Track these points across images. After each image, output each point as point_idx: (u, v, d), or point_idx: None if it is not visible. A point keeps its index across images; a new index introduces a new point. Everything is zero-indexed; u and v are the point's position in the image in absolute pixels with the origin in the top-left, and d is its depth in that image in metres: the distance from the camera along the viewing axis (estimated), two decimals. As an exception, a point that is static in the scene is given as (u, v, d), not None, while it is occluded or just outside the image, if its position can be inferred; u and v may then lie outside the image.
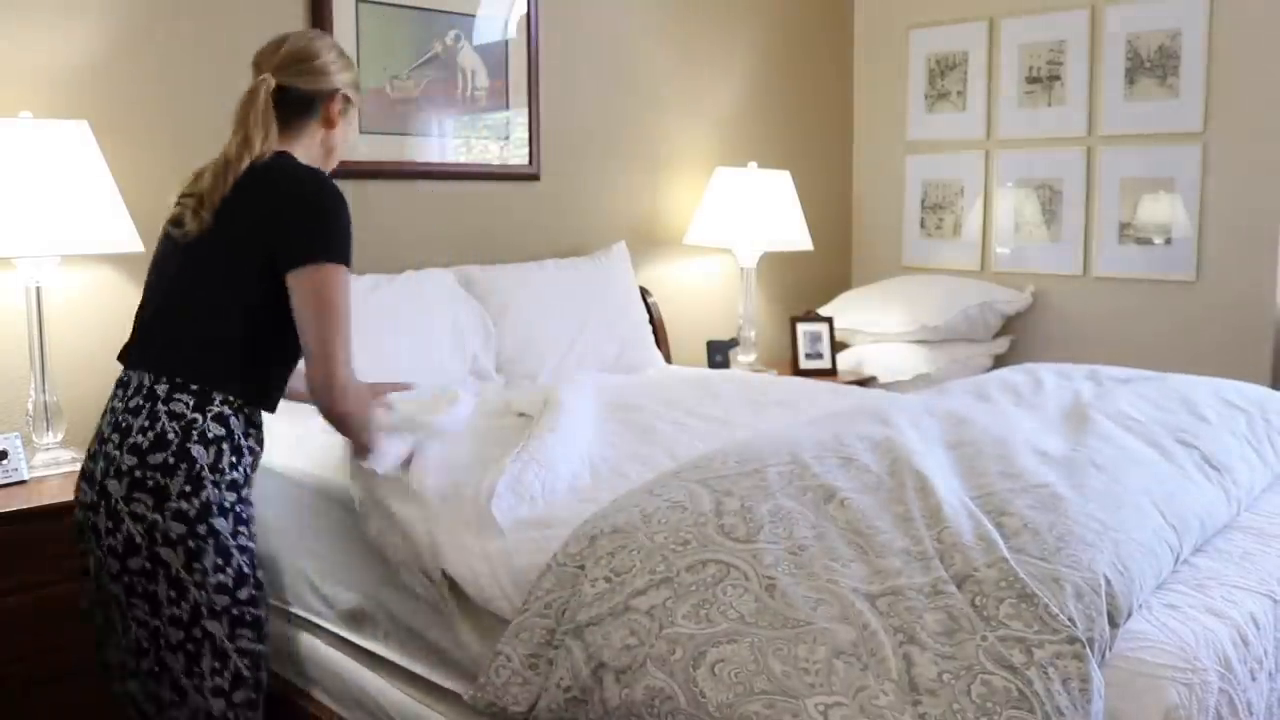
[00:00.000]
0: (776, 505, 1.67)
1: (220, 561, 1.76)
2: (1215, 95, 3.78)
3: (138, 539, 1.72)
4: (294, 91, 1.92)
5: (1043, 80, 4.17)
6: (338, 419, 1.86)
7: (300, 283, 1.77)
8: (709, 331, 4.18)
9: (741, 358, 3.99)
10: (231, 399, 1.80)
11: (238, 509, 1.80)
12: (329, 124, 1.98)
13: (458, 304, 3.12)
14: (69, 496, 2.28)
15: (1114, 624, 1.45)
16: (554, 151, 3.68)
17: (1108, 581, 1.49)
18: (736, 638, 1.43)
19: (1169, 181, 3.89)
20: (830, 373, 3.99)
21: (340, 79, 1.98)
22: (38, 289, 2.44)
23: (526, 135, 3.58)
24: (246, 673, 1.81)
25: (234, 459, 1.79)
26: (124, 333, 1.92)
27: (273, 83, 1.90)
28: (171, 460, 1.73)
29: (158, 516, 1.72)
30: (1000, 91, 4.29)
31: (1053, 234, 4.19)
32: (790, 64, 4.47)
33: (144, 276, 1.95)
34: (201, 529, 1.74)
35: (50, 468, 2.44)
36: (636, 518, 1.69)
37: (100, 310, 2.72)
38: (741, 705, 1.36)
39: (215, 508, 1.75)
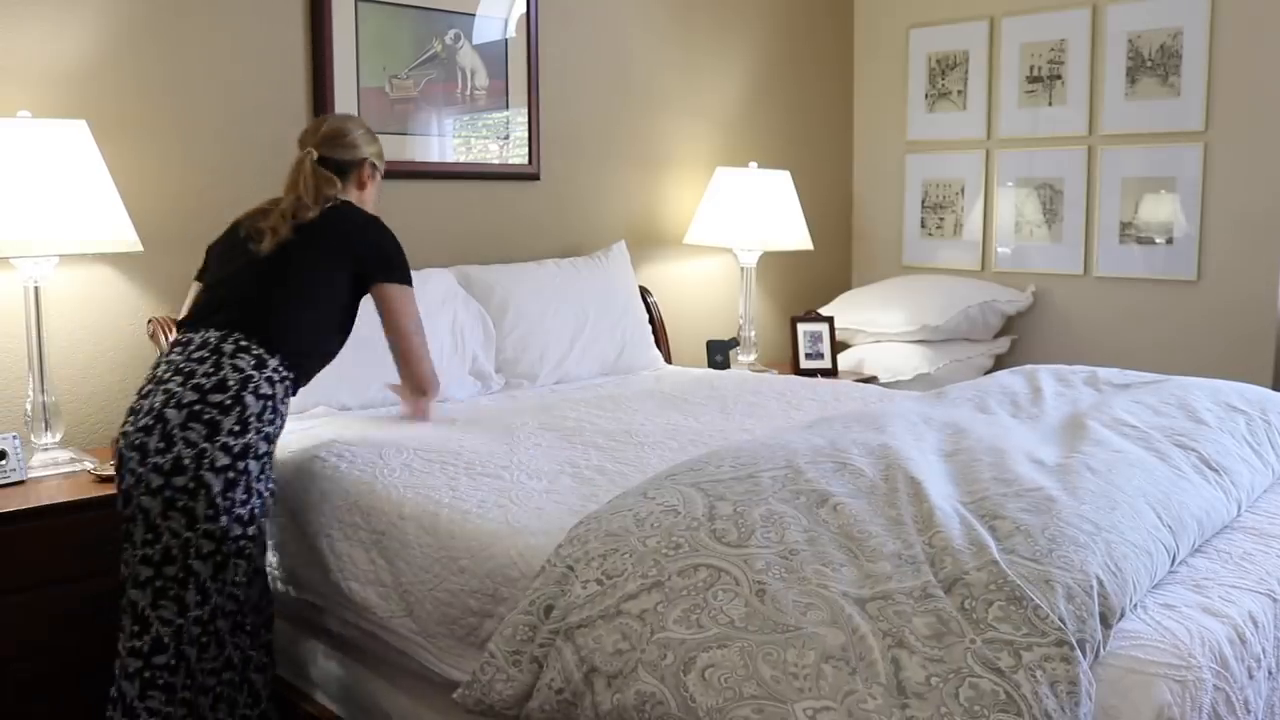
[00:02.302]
0: (769, 509, 1.67)
1: (244, 496, 2.08)
2: (1217, 95, 3.77)
3: (186, 460, 2.01)
4: (332, 161, 2.41)
5: (1044, 79, 4.16)
6: (428, 395, 2.61)
7: (384, 294, 2.38)
8: (709, 331, 4.18)
9: (741, 358, 3.99)
10: (281, 369, 2.17)
11: (263, 458, 2.12)
12: (360, 186, 2.49)
13: (458, 304, 3.13)
14: (67, 497, 2.30)
15: (1106, 624, 1.45)
16: (554, 151, 3.68)
17: (1100, 582, 1.49)
18: (727, 642, 1.43)
19: (1170, 181, 3.89)
20: (831, 373, 3.99)
21: (367, 151, 2.48)
22: (36, 289, 2.45)
23: (526, 135, 3.58)
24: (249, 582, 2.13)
25: (271, 416, 2.13)
26: (124, 332, 2.12)
27: (315, 155, 2.39)
28: (228, 402, 2.06)
29: (207, 445, 2.03)
30: (1001, 91, 4.29)
31: (1054, 234, 4.19)
32: (790, 64, 4.47)
33: (144, 276, 2.43)
34: (241, 465, 2.06)
35: (49, 468, 2.44)
36: (629, 520, 1.69)
37: (99, 310, 2.73)
38: (731, 710, 1.37)
39: (252, 450, 2.08)
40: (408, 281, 2.41)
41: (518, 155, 3.58)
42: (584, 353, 3.35)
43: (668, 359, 3.76)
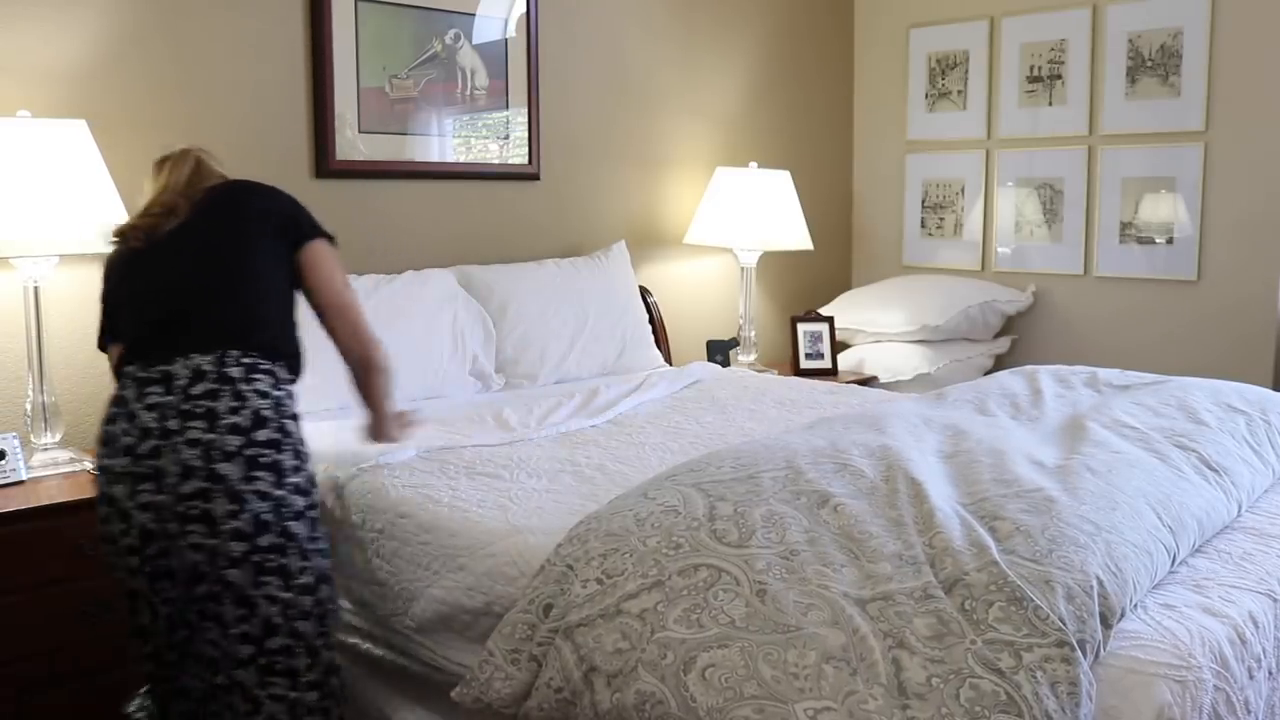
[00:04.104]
0: (770, 510, 1.67)
1: (325, 530, 1.94)
2: (1217, 94, 3.77)
3: (265, 515, 1.78)
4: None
5: (1044, 79, 4.16)
6: (383, 367, 2.09)
7: (318, 252, 2.03)
8: (709, 331, 4.18)
9: (742, 358, 3.99)
10: (288, 375, 1.95)
11: (314, 481, 1.94)
12: None
13: (458, 304, 3.12)
14: (67, 497, 2.29)
15: (1106, 625, 1.45)
16: (554, 151, 3.68)
17: (1100, 582, 1.49)
18: (727, 642, 1.44)
19: (1170, 181, 3.88)
20: (831, 373, 3.99)
21: None
22: (35, 288, 2.45)
23: (526, 135, 3.58)
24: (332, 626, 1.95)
25: (302, 434, 1.92)
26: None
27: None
28: (276, 436, 1.83)
29: (283, 492, 1.81)
30: (1001, 91, 4.28)
31: (1054, 234, 4.19)
32: (790, 64, 4.47)
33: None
34: (315, 498, 1.90)
35: (48, 468, 2.44)
36: (630, 521, 1.69)
37: (98, 310, 2.72)
38: (731, 710, 1.37)
39: (313, 479, 1.91)
40: (332, 239, 2.10)
41: (518, 155, 3.57)
42: (584, 353, 3.35)
43: (668, 359, 3.76)
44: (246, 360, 1.86)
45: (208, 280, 1.93)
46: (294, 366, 1.99)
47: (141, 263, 1.99)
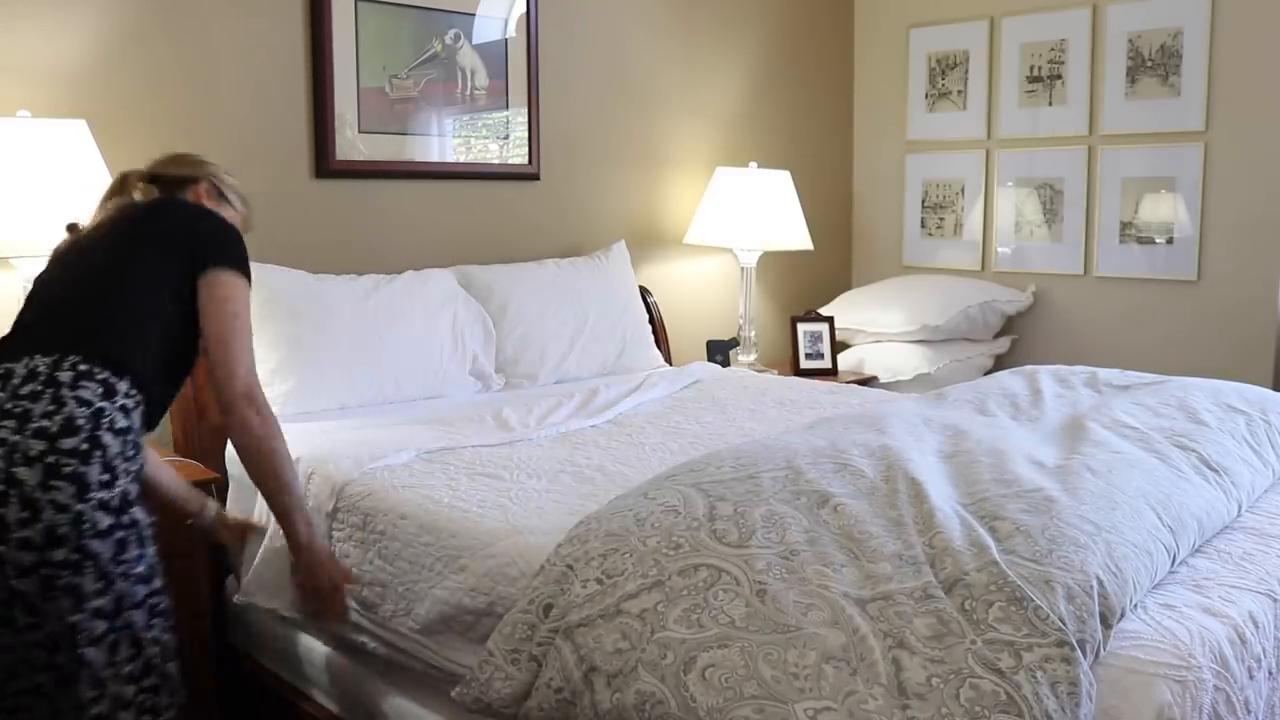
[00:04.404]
0: (770, 510, 1.67)
1: (140, 551, 1.76)
2: (1217, 94, 3.77)
3: (61, 529, 1.66)
4: (162, 179, 2.13)
5: (1044, 79, 4.16)
6: (252, 436, 1.94)
7: (213, 281, 1.92)
8: (709, 331, 4.18)
9: (742, 358, 3.99)
10: (134, 394, 1.81)
11: (142, 501, 1.80)
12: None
13: (458, 304, 3.12)
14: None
15: (1106, 624, 1.45)
16: (554, 151, 3.68)
17: (1100, 582, 1.49)
18: (727, 642, 1.44)
19: (1170, 181, 3.88)
20: (831, 373, 3.99)
21: (209, 169, 2.18)
22: (36, 289, 2.45)
23: (526, 135, 3.58)
24: (157, 660, 1.80)
25: (132, 452, 1.78)
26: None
27: (142, 171, 2.14)
28: (86, 447, 1.70)
29: (83, 507, 1.68)
30: (1001, 91, 4.28)
31: (1054, 234, 4.19)
32: (790, 64, 4.47)
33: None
34: (125, 519, 1.74)
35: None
36: (630, 521, 1.69)
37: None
38: (731, 710, 1.37)
39: (133, 497, 1.76)
40: (245, 273, 1.98)
41: (518, 155, 3.58)
42: (584, 353, 3.35)
43: (668, 359, 3.76)
44: (83, 367, 1.76)
45: (76, 288, 1.88)
46: (144, 386, 1.84)
47: (46, 268, 2.00)
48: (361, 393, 2.83)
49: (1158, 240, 3.93)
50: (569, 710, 1.54)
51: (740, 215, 3.85)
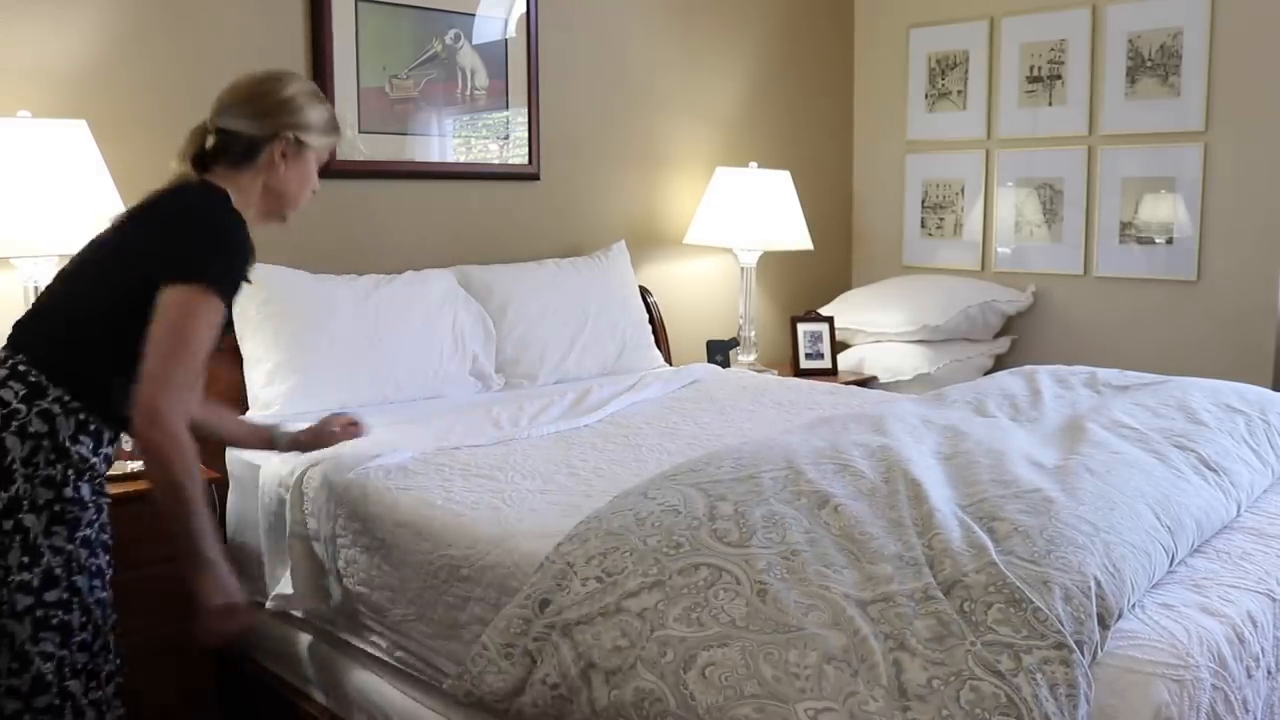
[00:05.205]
0: (770, 510, 1.68)
1: (26, 560, 1.68)
2: (1217, 95, 3.77)
3: None
4: (232, 136, 1.98)
5: (1044, 79, 4.16)
6: (150, 453, 1.73)
7: (167, 294, 1.73)
8: (709, 331, 4.18)
9: (742, 358, 3.99)
10: (68, 399, 1.73)
11: (55, 508, 1.71)
12: (256, 173, 2.02)
13: (458, 304, 3.13)
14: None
15: (1104, 625, 1.45)
16: (554, 151, 3.68)
17: (1097, 583, 1.49)
18: (727, 641, 1.44)
19: (1170, 181, 3.89)
20: (831, 373, 3.99)
21: (291, 117, 2.03)
22: (36, 289, 2.44)
23: (526, 135, 3.58)
24: (50, 677, 1.70)
25: (53, 457, 1.71)
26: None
27: (210, 124, 2.00)
28: None
29: None
30: (1001, 91, 4.28)
31: (1054, 234, 4.19)
32: (790, 64, 4.47)
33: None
34: (8, 524, 1.66)
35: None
36: (630, 520, 1.69)
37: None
38: (731, 709, 1.37)
39: (26, 503, 1.68)
40: (211, 287, 1.76)
41: (518, 155, 3.58)
42: (584, 353, 3.35)
43: (668, 359, 3.76)
44: (21, 368, 1.72)
45: (51, 290, 1.85)
46: (83, 393, 1.75)
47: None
48: (361, 393, 2.83)
49: (1157, 240, 3.93)
50: (564, 707, 1.54)
51: (740, 215, 3.85)
